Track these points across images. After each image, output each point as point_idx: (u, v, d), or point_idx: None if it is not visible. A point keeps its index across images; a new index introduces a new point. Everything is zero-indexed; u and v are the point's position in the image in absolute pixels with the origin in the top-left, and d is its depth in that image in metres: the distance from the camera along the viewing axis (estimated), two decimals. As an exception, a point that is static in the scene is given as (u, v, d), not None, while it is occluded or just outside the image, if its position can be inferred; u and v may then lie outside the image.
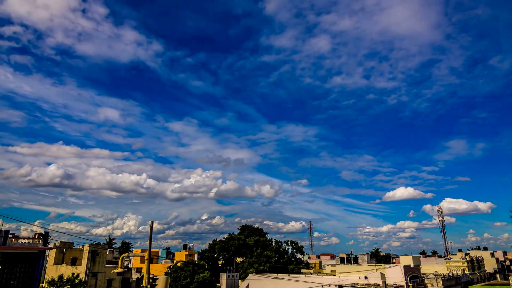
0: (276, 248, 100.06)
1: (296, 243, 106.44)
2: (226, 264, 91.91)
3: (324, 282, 57.61)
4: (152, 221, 29.63)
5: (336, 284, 56.76)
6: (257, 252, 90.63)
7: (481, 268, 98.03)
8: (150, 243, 29.93)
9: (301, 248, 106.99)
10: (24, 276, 34.20)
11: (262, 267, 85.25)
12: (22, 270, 34.26)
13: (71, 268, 61.00)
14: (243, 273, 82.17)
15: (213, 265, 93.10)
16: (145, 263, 27.39)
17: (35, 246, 37.27)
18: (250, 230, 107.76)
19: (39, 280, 35.45)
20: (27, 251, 34.92)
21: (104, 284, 62.82)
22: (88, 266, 61.45)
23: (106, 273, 63.55)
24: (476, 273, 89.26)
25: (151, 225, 29.56)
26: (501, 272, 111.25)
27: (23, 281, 33.99)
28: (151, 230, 29.63)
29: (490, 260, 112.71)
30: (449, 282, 64.46)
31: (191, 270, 74.25)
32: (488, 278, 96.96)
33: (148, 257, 27.55)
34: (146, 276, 26.13)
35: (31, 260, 34.82)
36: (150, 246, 29.75)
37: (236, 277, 77.74)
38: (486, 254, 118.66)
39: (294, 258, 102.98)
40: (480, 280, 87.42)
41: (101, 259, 63.65)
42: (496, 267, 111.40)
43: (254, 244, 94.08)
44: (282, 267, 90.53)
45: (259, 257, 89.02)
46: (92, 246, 61.48)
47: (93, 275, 61.59)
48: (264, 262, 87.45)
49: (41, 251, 35.86)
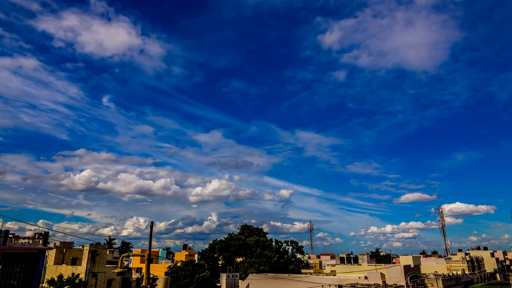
0: (276, 248, 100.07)
1: (296, 243, 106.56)
2: (226, 264, 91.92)
3: (324, 282, 57.64)
4: (152, 221, 29.66)
5: (336, 284, 56.80)
6: (257, 252, 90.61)
7: (481, 268, 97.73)
8: (150, 243, 29.96)
9: (301, 248, 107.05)
10: (24, 276, 34.23)
11: (262, 267, 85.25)
12: (22, 270, 34.29)
13: (71, 268, 61.01)
14: (243, 273, 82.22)
15: (213, 265, 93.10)
16: (145, 263, 27.33)
17: (35, 246, 37.30)
18: (250, 230, 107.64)
19: (39, 280, 35.48)
20: (27, 251, 34.95)
21: (104, 284, 62.83)
22: (88, 266, 61.45)
23: (106, 273, 63.53)
24: (476, 273, 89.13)
25: (151, 225, 29.60)
26: (501, 272, 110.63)
27: (23, 281, 34.03)
28: (151, 230, 29.66)
29: (490, 260, 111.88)
30: (449, 282, 64.37)
31: (191, 270, 74.25)
32: (488, 278, 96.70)
33: (148, 257, 27.56)
34: (146, 276, 26.16)
35: (31, 260, 34.86)
36: (150, 246, 29.78)
37: (236, 277, 77.78)
38: (486, 254, 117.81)
39: (294, 258, 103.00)
40: (480, 280, 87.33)
41: (101, 259, 63.62)
42: (496, 267, 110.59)
43: (254, 244, 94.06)
44: (282, 267, 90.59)
45: (259, 257, 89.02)
46: (92, 246, 61.46)
47: (93, 275, 61.59)
48: (264, 262, 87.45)
49: (41, 251, 35.90)
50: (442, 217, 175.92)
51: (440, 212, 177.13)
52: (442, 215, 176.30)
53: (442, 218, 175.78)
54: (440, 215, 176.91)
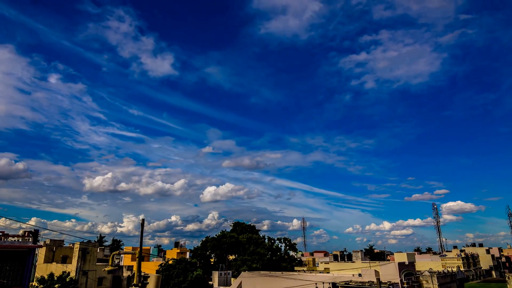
0: (269, 245, 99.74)
1: (289, 240, 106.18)
2: (219, 262, 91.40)
3: (317, 279, 57.39)
4: (143, 218, 29.16)
5: (330, 282, 56.55)
6: (250, 249, 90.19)
7: (477, 265, 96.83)
8: (141, 241, 29.48)
9: (294, 246, 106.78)
10: (14, 274, 33.59)
11: (255, 265, 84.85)
12: (12, 268, 33.63)
13: (61, 266, 60.32)
14: (236, 270, 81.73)
15: (205, 262, 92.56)
16: (136, 261, 26.87)
17: (25, 244, 36.60)
18: (242, 227, 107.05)
19: (29, 278, 34.85)
20: (16, 249, 34.30)
21: (95, 282, 62.19)
22: (79, 264, 60.80)
23: (97, 271, 62.92)
24: (471, 270, 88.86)
25: (142, 222, 29.09)
26: (497, 269, 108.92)
27: (13, 279, 33.38)
28: (142, 227, 29.17)
29: (486, 257, 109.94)
30: (444, 279, 64.30)
31: (183, 268, 73.64)
32: (483, 275, 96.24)
33: (139, 255, 27.07)
34: (137, 274, 25.69)
35: (21, 258, 34.21)
36: (141, 244, 29.29)
37: (228, 275, 77.34)
38: (481, 251, 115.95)
39: (287, 256, 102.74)
40: (476, 277, 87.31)
41: (91, 257, 63.00)
42: (491, 264, 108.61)
43: (246, 241, 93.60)
44: (275, 265, 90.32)
45: (252, 255, 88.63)
46: (82, 244, 60.82)
47: (83, 273, 60.94)
48: (257, 260, 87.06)
49: (31, 249, 35.24)
50: (437, 214, 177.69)
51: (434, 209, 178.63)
52: (437, 212, 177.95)
53: (437, 215, 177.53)
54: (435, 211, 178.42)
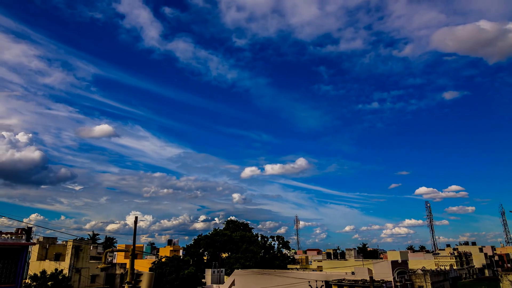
0: (262, 243, 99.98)
1: (282, 238, 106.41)
2: (212, 260, 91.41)
3: (310, 277, 57.70)
4: (136, 216, 29.27)
5: (323, 280, 56.91)
6: (243, 247, 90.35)
7: (470, 263, 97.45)
8: (134, 238, 29.57)
9: (287, 243, 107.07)
10: (7, 271, 33.54)
11: (248, 263, 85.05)
12: (4, 265, 33.58)
13: (54, 263, 60.20)
14: (229, 268, 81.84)
15: (198, 260, 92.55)
16: (129, 258, 26.93)
17: (18, 242, 36.52)
18: (235, 225, 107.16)
19: (22, 275, 34.80)
20: (9, 246, 34.23)
21: (88, 280, 62.15)
22: (72, 261, 60.73)
23: (90, 269, 62.88)
24: (464, 268, 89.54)
25: (135, 221, 29.18)
26: (490, 267, 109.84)
27: (6, 277, 33.34)
28: (135, 225, 29.26)
29: (479, 256, 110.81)
30: (437, 278, 64.69)
31: (176, 265, 73.66)
32: (476, 273, 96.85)
33: (132, 253, 27.16)
34: (130, 272, 25.77)
35: (14, 255, 34.16)
36: (134, 241, 29.38)
37: (221, 273, 77.38)
38: (474, 249, 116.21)
39: (280, 254, 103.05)
40: (469, 276, 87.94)
41: (84, 255, 62.95)
42: (484, 262, 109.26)
43: (239, 239, 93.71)
44: (268, 263, 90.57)
45: (245, 253, 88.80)
46: (75, 241, 60.76)
47: (76, 271, 60.90)
48: (250, 258, 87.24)
49: (23, 246, 35.19)
50: (430, 212, 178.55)
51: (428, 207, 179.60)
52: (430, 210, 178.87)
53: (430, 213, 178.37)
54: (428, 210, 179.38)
